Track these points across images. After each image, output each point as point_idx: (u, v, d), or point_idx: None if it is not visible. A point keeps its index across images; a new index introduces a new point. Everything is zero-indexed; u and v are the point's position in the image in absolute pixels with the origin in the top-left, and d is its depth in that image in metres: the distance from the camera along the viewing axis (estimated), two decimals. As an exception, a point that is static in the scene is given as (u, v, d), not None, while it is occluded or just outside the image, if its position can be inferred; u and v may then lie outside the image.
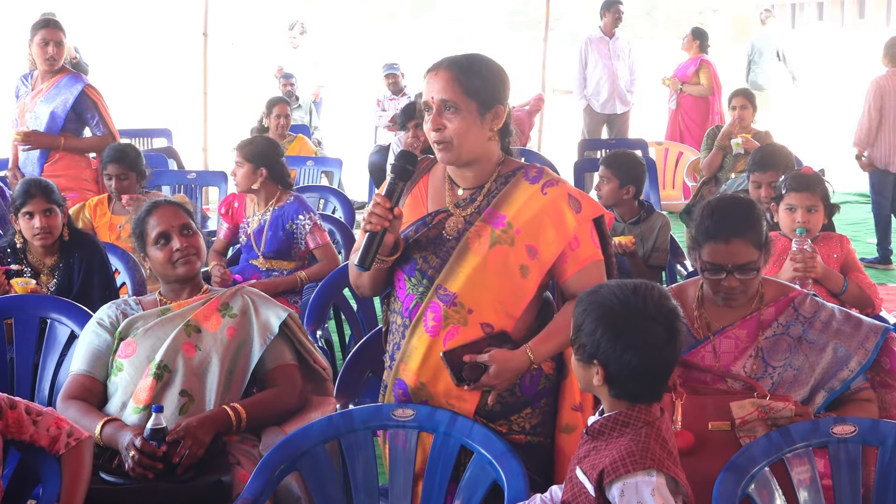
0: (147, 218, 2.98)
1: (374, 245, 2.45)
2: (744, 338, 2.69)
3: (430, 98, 2.46)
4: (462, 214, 2.54)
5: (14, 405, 2.50)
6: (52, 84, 5.31)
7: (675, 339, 2.08)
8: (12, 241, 3.90)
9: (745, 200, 2.79)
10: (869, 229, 8.28)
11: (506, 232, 2.48)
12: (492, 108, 2.48)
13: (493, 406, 2.51)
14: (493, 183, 2.54)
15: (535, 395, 2.54)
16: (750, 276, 2.66)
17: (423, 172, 2.64)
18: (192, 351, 2.85)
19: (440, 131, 2.45)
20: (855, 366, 2.62)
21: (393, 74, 9.47)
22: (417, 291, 2.53)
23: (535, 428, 2.55)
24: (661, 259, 4.51)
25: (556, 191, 2.51)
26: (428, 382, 2.53)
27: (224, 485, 2.57)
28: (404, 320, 2.56)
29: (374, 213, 2.43)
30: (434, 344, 2.50)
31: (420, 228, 2.56)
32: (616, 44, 9.14)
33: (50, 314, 3.38)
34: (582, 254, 2.51)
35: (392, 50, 10.45)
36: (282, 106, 7.51)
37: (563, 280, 2.54)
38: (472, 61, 2.48)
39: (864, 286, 3.60)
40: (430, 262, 2.52)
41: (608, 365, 2.07)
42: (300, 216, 4.55)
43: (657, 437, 2.06)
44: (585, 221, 2.52)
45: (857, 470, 2.41)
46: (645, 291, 2.09)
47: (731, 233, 2.65)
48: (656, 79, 9.18)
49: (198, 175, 6.64)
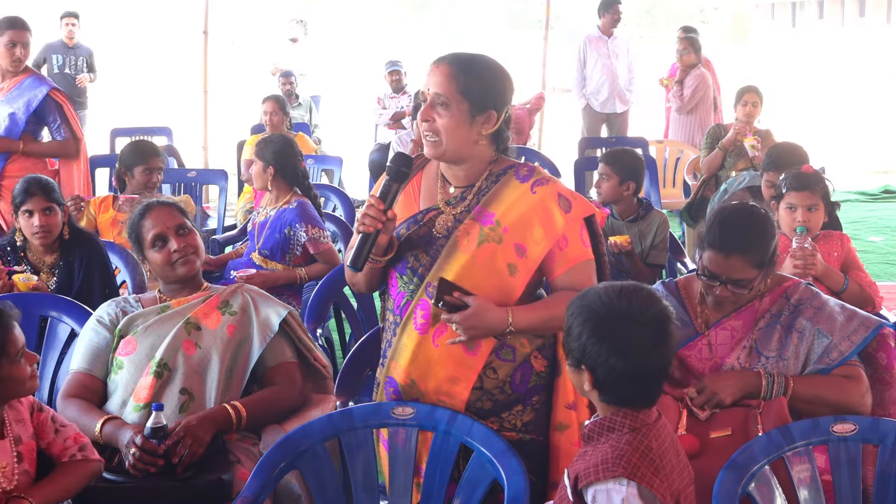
0: (141, 221, 2.98)
1: (366, 246, 2.46)
2: (739, 328, 2.71)
3: (427, 89, 2.47)
4: (452, 212, 2.54)
5: (42, 409, 2.52)
6: (13, 84, 5.20)
7: (664, 342, 2.05)
8: (12, 239, 3.89)
9: (759, 215, 2.74)
10: (869, 227, 8.28)
11: (494, 230, 2.48)
12: (484, 111, 2.46)
13: (484, 404, 2.50)
14: (484, 181, 2.54)
15: (526, 392, 2.54)
16: (742, 291, 2.67)
17: (418, 170, 2.64)
18: (192, 349, 2.85)
19: (429, 123, 2.46)
20: (836, 356, 2.64)
21: (396, 72, 9.47)
22: (408, 289, 2.54)
23: (526, 425, 2.55)
24: (660, 257, 4.51)
25: (545, 190, 2.51)
26: (418, 380, 2.53)
27: (224, 483, 2.57)
28: (395, 318, 2.58)
29: (368, 215, 2.44)
30: (423, 341, 2.50)
31: (412, 226, 2.56)
32: (615, 43, 9.13)
33: (50, 312, 3.38)
34: (571, 253, 2.51)
35: (392, 49, 10.43)
36: (271, 103, 7.42)
37: (552, 279, 2.54)
38: (474, 61, 2.48)
39: (865, 284, 3.60)
40: (421, 260, 2.53)
41: (595, 370, 2.06)
42: (297, 225, 4.50)
43: (640, 444, 2.03)
44: (575, 221, 2.51)
45: (858, 468, 2.41)
46: (630, 294, 2.06)
47: (732, 248, 2.64)
48: (655, 78, 9.16)
49: (198, 173, 6.65)
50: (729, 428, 2.53)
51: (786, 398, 2.60)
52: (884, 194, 10.24)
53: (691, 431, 2.52)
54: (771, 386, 2.60)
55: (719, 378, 2.63)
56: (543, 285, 2.65)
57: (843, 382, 2.63)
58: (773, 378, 2.61)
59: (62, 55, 9.67)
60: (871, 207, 9.55)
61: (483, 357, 2.50)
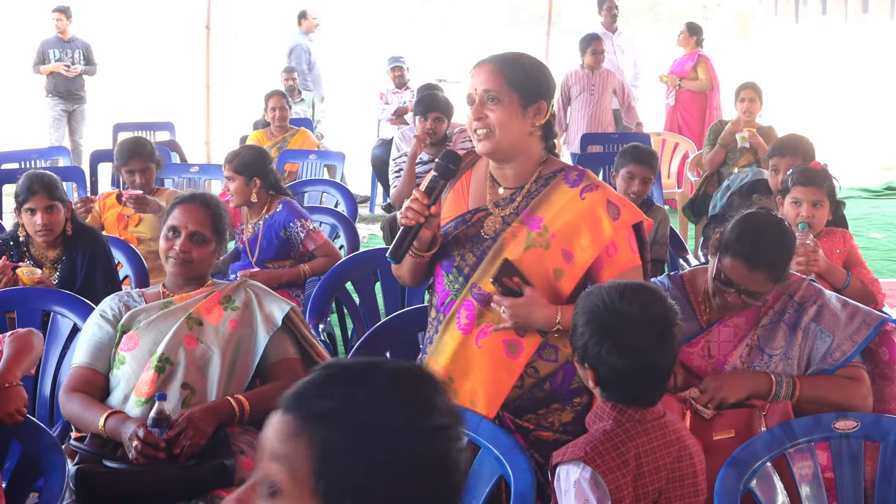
0: (177, 204, 3.00)
1: (406, 239, 2.46)
2: (742, 325, 2.70)
3: (474, 90, 2.48)
4: (501, 214, 2.54)
5: None
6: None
7: (665, 341, 2.05)
8: (15, 234, 3.89)
9: (788, 232, 2.71)
10: (872, 224, 8.27)
11: (541, 235, 2.48)
12: (534, 102, 2.48)
13: (522, 402, 2.50)
14: (533, 184, 2.54)
15: (567, 392, 2.51)
16: (756, 302, 2.66)
17: (467, 168, 2.64)
18: (193, 344, 2.85)
19: (482, 120, 2.46)
20: (839, 356, 2.64)
21: (399, 67, 9.45)
22: (453, 288, 2.54)
23: (564, 426, 2.51)
24: (662, 253, 4.52)
25: (594, 196, 2.50)
26: (456, 379, 2.52)
27: (227, 468, 2.59)
28: (438, 314, 2.58)
29: (411, 209, 2.44)
30: (466, 342, 2.50)
31: (459, 225, 2.57)
32: (619, 38, 9.11)
33: (52, 307, 3.38)
34: (619, 259, 2.50)
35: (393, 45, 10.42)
36: (277, 98, 7.49)
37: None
38: (516, 56, 2.52)
39: (867, 281, 3.60)
40: (468, 259, 2.53)
41: (597, 368, 2.07)
42: (291, 224, 4.47)
43: (616, 436, 2.04)
44: (623, 228, 2.51)
45: (859, 465, 2.40)
46: (632, 294, 2.07)
47: (759, 262, 2.61)
48: (657, 74, 9.16)
49: (200, 168, 6.65)
50: (732, 430, 2.53)
51: (792, 401, 2.59)
52: (886, 191, 10.22)
53: (694, 433, 2.51)
54: (780, 388, 2.60)
55: (725, 377, 2.63)
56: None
57: (846, 384, 2.63)
58: (782, 380, 2.61)
59: (58, 49, 9.68)
60: (873, 204, 9.54)
61: (524, 360, 2.49)
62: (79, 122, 9.90)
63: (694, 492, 2.11)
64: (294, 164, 7.04)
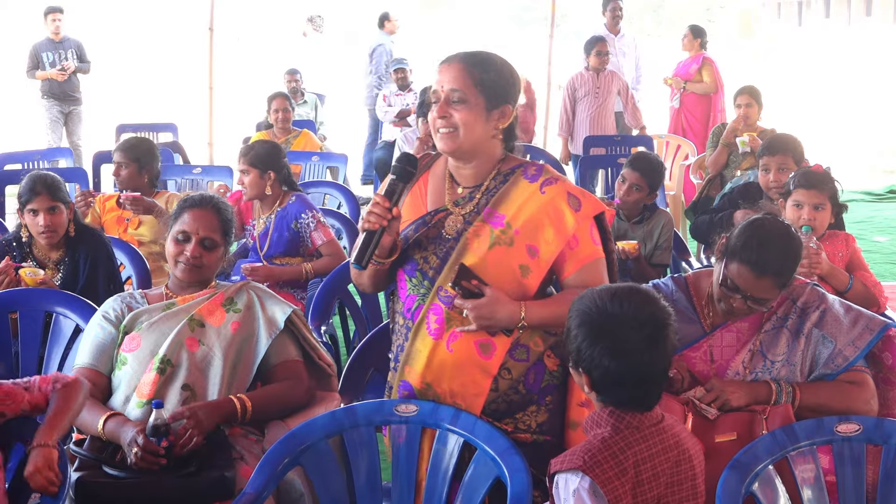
0: (186, 209, 2.98)
1: (371, 244, 2.45)
2: (745, 330, 2.70)
3: (441, 87, 2.47)
4: (461, 213, 2.53)
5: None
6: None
7: (658, 344, 2.05)
8: (17, 235, 3.89)
9: (796, 239, 2.72)
10: (874, 227, 8.26)
11: (504, 232, 2.48)
12: (499, 105, 2.48)
13: (499, 406, 2.50)
14: (492, 181, 2.53)
15: (539, 392, 2.53)
16: (761, 308, 2.66)
17: (424, 170, 2.63)
18: (195, 345, 2.85)
19: (446, 119, 2.45)
20: (841, 361, 2.63)
21: (402, 69, 9.45)
22: (419, 293, 2.53)
23: (541, 426, 2.53)
24: (665, 257, 4.50)
25: (554, 189, 2.50)
26: (433, 383, 2.52)
27: (227, 480, 2.58)
28: (406, 321, 2.56)
29: (373, 212, 2.44)
30: (437, 346, 2.49)
31: (420, 227, 2.55)
32: (622, 41, 9.11)
33: (55, 308, 3.39)
34: (581, 252, 2.50)
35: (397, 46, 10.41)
36: (280, 100, 7.51)
37: (563, 278, 2.53)
38: (485, 57, 2.50)
39: (870, 284, 3.59)
40: (431, 262, 2.52)
41: (591, 371, 2.07)
42: (303, 214, 4.52)
43: (614, 444, 2.04)
44: (585, 219, 2.51)
45: (861, 468, 2.40)
46: (624, 297, 2.07)
47: (767, 269, 2.61)
48: (660, 76, 9.15)
49: (203, 170, 6.66)
50: (734, 432, 2.53)
51: (793, 406, 2.59)
52: (889, 194, 10.20)
53: (697, 435, 2.51)
54: (780, 395, 2.60)
55: (729, 383, 2.63)
56: (553, 283, 2.65)
57: (848, 389, 2.63)
58: (782, 387, 2.61)
59: (51, 51, 9.68)
60: (876, 207, 9.53)
61: (498, 360, 2.48)
62: (76, 123, 9.88)
63: (693, 494, 2.11)
64: (297, 166, 7.03)
